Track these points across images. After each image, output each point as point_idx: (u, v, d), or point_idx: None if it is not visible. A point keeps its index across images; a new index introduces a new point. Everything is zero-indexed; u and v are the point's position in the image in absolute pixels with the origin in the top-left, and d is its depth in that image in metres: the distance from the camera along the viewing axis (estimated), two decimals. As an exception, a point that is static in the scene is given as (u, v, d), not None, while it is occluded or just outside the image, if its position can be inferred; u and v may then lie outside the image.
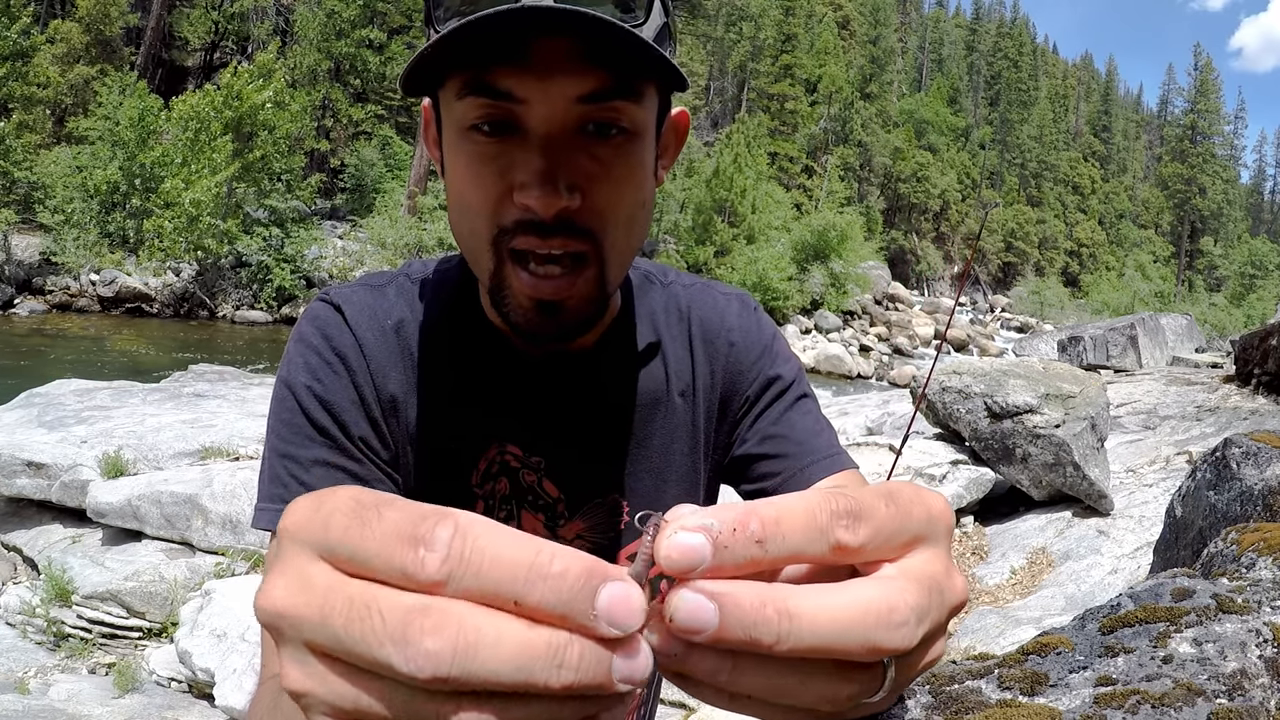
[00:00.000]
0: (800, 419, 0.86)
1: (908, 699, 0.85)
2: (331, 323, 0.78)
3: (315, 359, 0.76)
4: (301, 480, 0.74)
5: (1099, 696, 1.26)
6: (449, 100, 0.68)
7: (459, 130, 0.67)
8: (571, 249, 0.67)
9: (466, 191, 0.68)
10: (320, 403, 0.75)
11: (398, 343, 0.80)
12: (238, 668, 4.01)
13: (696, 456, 0.87)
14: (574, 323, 0.71)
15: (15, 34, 20.28)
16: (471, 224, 0.69)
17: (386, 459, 0.78)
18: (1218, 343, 17.74)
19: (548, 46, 0.62)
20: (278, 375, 0.78)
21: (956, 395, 6.52)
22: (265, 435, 0.78)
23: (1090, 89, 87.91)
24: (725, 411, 0.88)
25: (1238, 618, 1.40)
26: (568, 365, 0.82)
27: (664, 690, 3.80)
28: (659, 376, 0.86)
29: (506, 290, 0.70)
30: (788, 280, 28.44)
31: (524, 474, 0.82)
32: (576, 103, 0.64)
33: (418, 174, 25.07)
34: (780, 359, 0.89)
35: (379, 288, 0.82)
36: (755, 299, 0.98)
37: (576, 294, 0.69)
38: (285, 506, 0.53)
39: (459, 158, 0.68)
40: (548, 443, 0.82)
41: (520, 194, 0.65)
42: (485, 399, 0.81)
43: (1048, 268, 64.21)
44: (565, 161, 0.64)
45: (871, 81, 56.64)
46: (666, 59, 0.64)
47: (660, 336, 0.87)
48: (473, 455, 0.81)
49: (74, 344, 15.83)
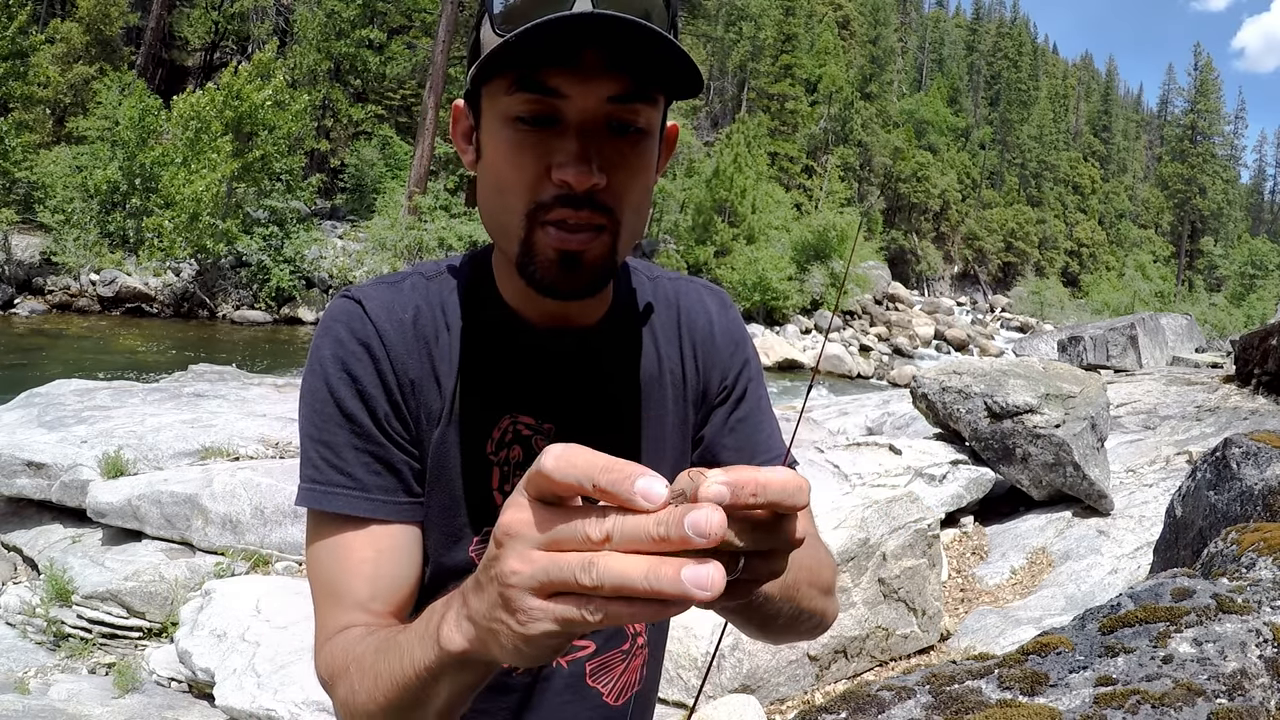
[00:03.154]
0: (764, 418, 1.01)
1: (908, 699, 1.00)
2: (354, 316, 0.86)
3: (342, 350, 0.84)
4: (334, 464, 0.83)
5: (1099, 696, 1.26)
6: (495, 94, 0.78)
7: (502, 119, 0.78)
8: (596, 221, 0.78)
9: (505, 172, 0.79)
10: (349, 391, 0.83)
11: (414, 331, 0.87)
12: (238, 668, 4.00)
13: (686, 431, 0.98)
14: (589, 277, 0.81)
15: (14, 33, 20.27)
16: (507, 200, 0.80)
17: (409, 438, 0.86)
18: (1218, 343, 17.74)
19: (592, 54, 0.73)
20: (307, 367, 0.86)
21: (956, 395, 6.52)
22: (299, 422, 0.86)
23: (1090, 89, 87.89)
24: (705, 397, 0.99)
25: (1238, 618, 1.40)
26: (573, 341, 0.91)
27: (664, 690, 3.80)
28: (652, 357, 0.96)
29: (534, 248, 0.80)
30: (788, 280, 28.43)
31: (536, 440, 0.90)
32: (607, 102, 0.75)
33: (418, 174, 25.04)
34: (752, 353, 1.03)
35: (395, 284, 0.91)
36: (755, 296, 1.07)
37: (593, 251, 0.80)
38: (319, 488, 0.83)
39: (500, 144, 0.78)
40: (556, 412, 0.90)
41: (558, 171, 0.75)
42: (498, 374, 0.89)
43: (1048, 268, 64.18)
44: (596, 147, 0.76)
45: (871, 81, 56.60)
46: (691, 62, 0.73)
47: (652, 323, 0.98)
48: (487, 427, 0.89)
49: (74, 344, 15.84)
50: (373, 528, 0.82)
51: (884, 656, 4.35)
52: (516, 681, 0.93)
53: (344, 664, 0.75)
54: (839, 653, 4.18)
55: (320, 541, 0.83)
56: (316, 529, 0.83)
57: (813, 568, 0.86)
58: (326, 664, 0.78)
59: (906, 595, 4.44)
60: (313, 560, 0.84)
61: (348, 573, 0.81)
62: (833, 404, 11.19)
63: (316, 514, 0.83)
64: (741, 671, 3.84)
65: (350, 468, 0.82)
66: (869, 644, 4.28)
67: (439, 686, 0.63)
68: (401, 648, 0.66)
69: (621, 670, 0.97)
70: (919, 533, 4.53)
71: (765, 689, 3.89)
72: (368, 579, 0.81)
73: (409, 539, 0.84)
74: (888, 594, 4.37)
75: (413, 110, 31.83)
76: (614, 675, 0.96)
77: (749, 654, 3.87)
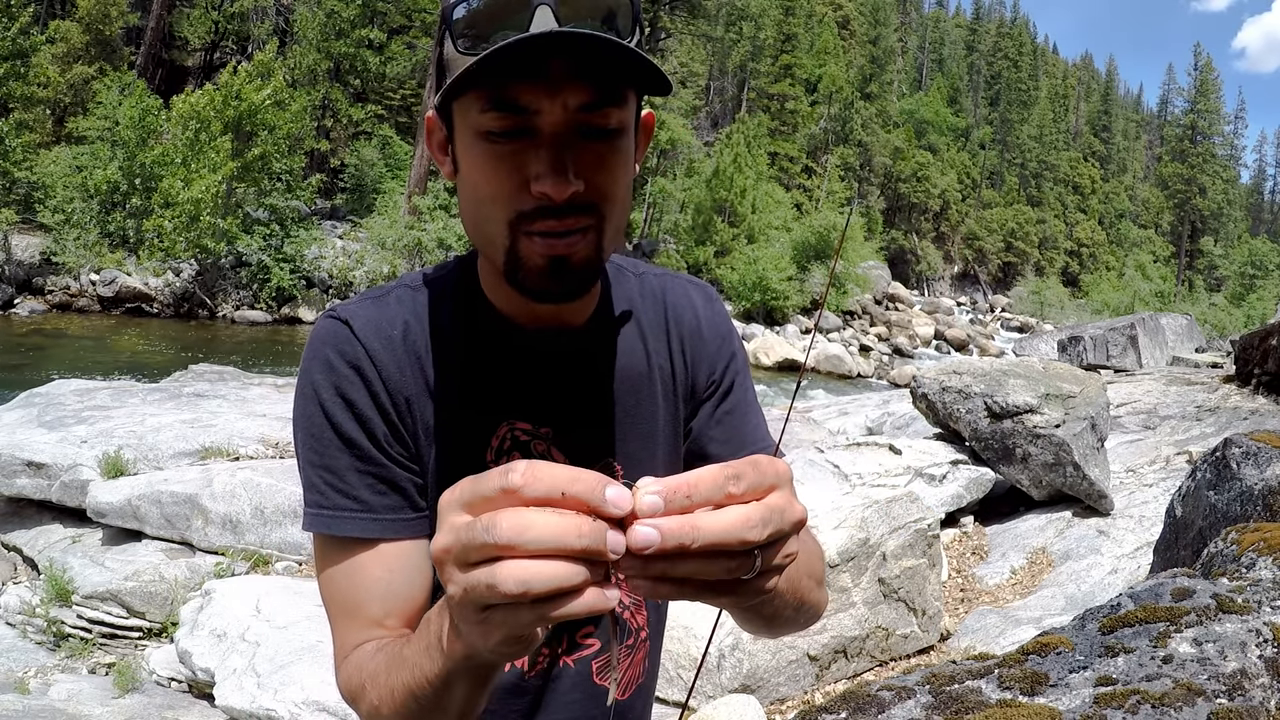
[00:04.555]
0: (750, 409, 1.03)
1: (908, 699, 0.99)
2: (342, 337, 0.86)
3: (334, 375, 0.84)
4: (337, 488, 0.84)
5: (1099, 696, 1.26)
6: (467, 110, 0.78)
7: (475, 134, 0.78)
8: (580, 224, 0.79)
9: (483, 186, 0.79)
10: (345, 415, 0.84)
11: (404, 347, 0.87)
12: (238, 668, 4.00)
13: (676, 426, 1.00)
14: (577, 278, 0.82)
15: (15, 33, 20.26)
16: (489, 212, 0.80)
17: (409, 455, 0.87)
18: (1218, 343, 17.73)
19: (558, 65, 0.74)
20: (298, 391, 0.86)
21: (956, 395, 6.52)
22: (296, 447, 0.87)
23: (1090, 89, 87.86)
24: (694, 391, 1.01)
25: (1238, 618, 1.40)
26: (563, 342, 0.92)
27: (664, 690, 3.79)
28: (640, 353, 0.97)
29: (521, 257, 0.81)
30: (788, 280, 28.41)
31: (534, 444, 0.91)
32: (577, 111, 0.76)
33: (418, 174, 25.03)
34: (738, 346, 1.05)
35: (380, 299, 0.91)
36: (755, 296, 1.09)
37: (580, 252, 0.81)
38: (326, 513, 0.84)
39: (476, 157, 0.79)
40: (552, 415, 0.92)
41: (536, 184, 0.76)
42: (493, 382, 0.90)
43: (1048, 268, 64.15)
44: (570, 156, 0.76)
45: (871, 81, 56.57)
46: (658, 70, 0.75)
47: (639, 319, 0.99)
48: (486, 435, 0.90)
49: (74, 344, 15.84)
50: (381, 547, 0.83)
51: (884, 656, 4.35)
52: (530, 684, 0.94)
53: (360, 681, 0.77)
54: (839, 653, 4.18)
55: (332, 565, 0.84)
56: (326, 552, 0.85)
57: (808, 560, 0.87)
58: (346, 683, 0.80)
59: (906, 595, 4.44)
60: (326, 582, 0.85)
61: (361, 592, 0.83)
62: (833, 404, 11.19)
63: (325, 537, 0.84)
64: (741, 671, 3.84)
65: (355, 490, 0.83)
66: (869, 644, 4.28)
67: (453, 691, 0.66)
68: (408, 660, 0.68)
69: (627, 666, 0.99)
70: (919, 533, 4.53)
71: (765, 689, 3.89)
72: (380, 597, 0.82)
73: (418, 553, 0.85)
74: (888, 594, 4.37)
75: (413, 110, 31.81)
76: (620, 671, 0.99)
77: (749, 654, 3.87)
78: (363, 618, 0.81)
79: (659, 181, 33.04)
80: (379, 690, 0.73)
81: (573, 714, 0.95)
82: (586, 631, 0.96)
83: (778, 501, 0.53)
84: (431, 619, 0.66)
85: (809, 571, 0.86)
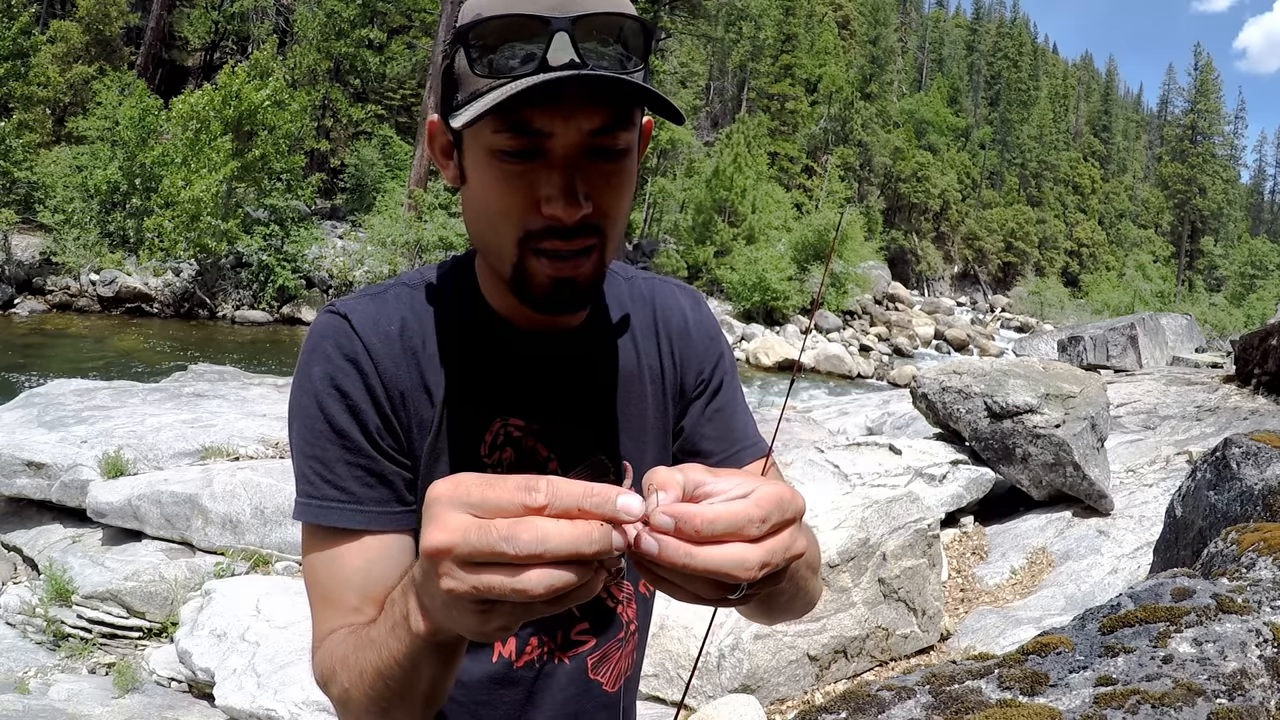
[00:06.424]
0: (739, 408, 1.06)
1: (908, 699, 1.02)
2: (341, 331, 0.88)
3: (330, 367, 0.86)
4: (326, 478, 0.85)
5: (1099, 696, 1.26)
6: (480, 128, 0.79)
7: (487, 151, 0.80)
8: (586, 244, 0.83)
9: (494, 202, 0.82)
10: (339, 407, 0.85)
11: (401, 343, 0.89)
12: (238, 667, 4.00)
13: (665, 424, 1.03)
14: (581, 296, 0.85)
15: (15, 33, 20.24)
16: (499, 227, 0.83)
17: (401, 449, 0.89)
18: (1218, 343, 17.74)
19: (574, 93, 0.76)
20: (295, 384, 0.88)
21: (956, 395, 6.52)
22: (291, 439, 0.88)
23: (1090, 89, 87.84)
24: (683, 391, 1.04)
25: (1238, 617, 1.40)
26: (558, 343, 0.95)
27: (664, 690, 3.80)
28: (631, 353, 1.00)
29: (529, 274, 0.83)
30: (787, 280, 28.39)
31: (527, 441, 0.93)
32: (589, 135, 0.78)
33: (418, 174, 25.03)
34: (726, 348, 1.08)
35: (378, 296, 0.92)
36: (755, 296, 1.11)
37: (584, 272, 0.84)
38: (314, 503, 0.86)
39: (486, 175, 0.81)
40: (544, 413, 0.94)
41: (547, 206, 0.79)
42: (487, 380, 0.92)
43: (1048, 268, 64.13)
44: (580, 178, 0.79)
45: (871, 81, 56.54)
46: (669, 104, 0.79)
47: (630, 320, 1.02)
48: (480, 431, 0.91)
49: (74, 344, 15.83)
50: (365, 539, 0.85)
51: (884, 656, 4.35)
52: (520, 674, 0.95)
53: (331, 665, 0.79)
54: (839, 653, 4.18)
55: (315, 553, 0.86)
56: (311, 541, 0.86)
57: (805, 549, 0.89)
58: (319, 666, 0.82)
59: (906, 595, 4.44)
60: (308, 570, 0.87)
61: (340, 581, 0.84)
62: (833, 404, 11.19)
63: (312, 526, 0.86)
64: (741, 671, 3.84)
65: (343, 482, 0.85)
66: (869, 644, 4.28)
67: (420, 670, 0.68)
68: (375, 641, 0.71)
69: (617, 659, 1.02)
70: (919, 533, 4.53)
71: (765, 689, 3.89)
72: (358, 587, 0.83)
73: (401, 546, 0.86)
74: (888, 594, 4.37)
75: (413, 110, 31.82)
76: (611, 664, 1.01)
77: (749, 654, 3.87)
78: (340, 606, 0.83)
79: (659, 181, 33.05)
80: (349, 673, 0.75)
81: (567, 709, 0.98)
82: (581, 629, 0.98)
83: (780, 542, 0.55)
84: (395, 599, 0.68)
85: (806, 561, 0.87)
